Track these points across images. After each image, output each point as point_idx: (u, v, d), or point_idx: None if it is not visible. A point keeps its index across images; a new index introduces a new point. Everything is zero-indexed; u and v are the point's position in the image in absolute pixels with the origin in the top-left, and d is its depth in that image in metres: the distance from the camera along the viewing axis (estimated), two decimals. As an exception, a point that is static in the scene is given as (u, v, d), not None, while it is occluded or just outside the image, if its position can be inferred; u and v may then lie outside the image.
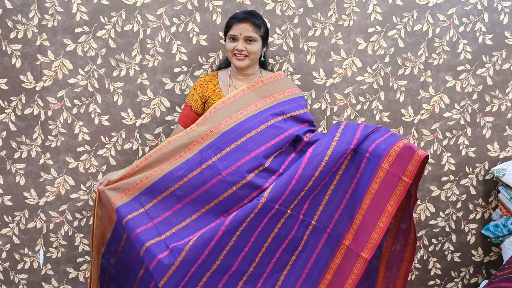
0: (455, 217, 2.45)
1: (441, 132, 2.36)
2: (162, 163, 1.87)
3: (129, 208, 1.85)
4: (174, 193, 1.84)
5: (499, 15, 2.26)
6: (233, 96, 1.91)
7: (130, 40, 2.14)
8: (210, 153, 1.83)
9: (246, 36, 1.86)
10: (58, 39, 2.11)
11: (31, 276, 2.31)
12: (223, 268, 1.79)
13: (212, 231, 1.74)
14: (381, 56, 2.26)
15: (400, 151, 1.66)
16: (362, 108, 2.30)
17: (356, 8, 2.20)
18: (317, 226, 1.80)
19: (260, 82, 1.96)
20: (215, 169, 1.81)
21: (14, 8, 2.06)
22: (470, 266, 2.51)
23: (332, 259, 1.76)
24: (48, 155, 2.20)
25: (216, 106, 1.89)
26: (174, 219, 1.84)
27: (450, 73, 2.30)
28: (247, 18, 1.86)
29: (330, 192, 1.79)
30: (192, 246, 1.74)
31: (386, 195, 1.67)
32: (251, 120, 1.87)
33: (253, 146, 1.82)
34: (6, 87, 2.12)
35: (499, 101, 2.35)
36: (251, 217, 1.74)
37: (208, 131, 1.86)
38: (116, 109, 2.20)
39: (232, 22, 1.88)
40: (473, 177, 2.42)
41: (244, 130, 1.84)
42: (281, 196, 1.74)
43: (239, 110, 1.89)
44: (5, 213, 2.23)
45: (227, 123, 1.86)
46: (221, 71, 2.03)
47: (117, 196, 1.88)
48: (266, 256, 1.83)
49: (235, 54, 1.88)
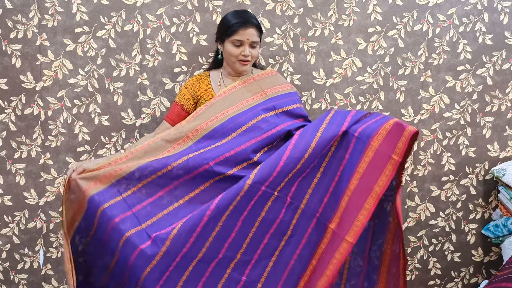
0: (455, 217, 2.45)
1: (441, 132, 2.36)
2: (148, 157, 1.80)
3: (105, 196, 1.73)
4: (156, 181, 1.76)
5: (499, 15, 2.26)
6: (224, 93, 1.89)
7: (130, 40, 2.14)
8: (200, 147, 1.80)
9: (252, 41, 1.84)
10: (58, 39, 2.11)
11: (31, 276, 2.31)
12: (209, 256, 1.72)
13: (197, 217, 1.67)
14: (381, 56, 2.26)
15: (390, 129, 1.57)
16: (362, 108, 2.30)
17: (356, 8, 2.20)
18: (306, 210, 1.73)
19: (251, 79, 1.94)
20: (202, 158, 1.76)
21: (14, 8, 2.06)
22: (470, 266, 2.51)
23: (319, 244, 1.69)
24: (48, 155, 2.20)
25: (208, 104, 1.88)
26: (155, 207, 1.75)
27: (450, 73, 2.30)
28: (251, 21, 1.84)
29: (319, 175, 1.72)
30: (176, 235, 1.66)
31: (375, 175, 1.58)
32: (241, 115, 1.85)
33: (243, 140, 1.80)
34: (6, 87, 2.13)
35: (499, 101, 2.35)
36: (237, 200, 1.68)
37: (198, 126, 1.83)
38: (116, 109, 2.20)
39: (236, 26, 1.82)
40: (473, 177, 2.42)
41: (234, 125, 1.82)
42: (268, 178, 1.68)
43: (230, 106, 1.87)
44: (5, 213, 2.23)
45: (218, 118, 1.84)
46: (213, 71, 2.01)
47: (91, 184, 1.75)
48: (254, 241, 1.75)
49: (240, 59, 1.86)
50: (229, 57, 1.88)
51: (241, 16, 1.85)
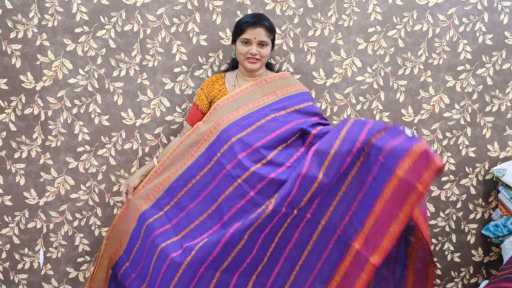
0: (455, 217, 2.45)
1: (441, 132, 2.36)
2: (177, 163, 1.94)
3: (150, 212, 1.93)
4: (189, 192, 1.88)
5: (499, 15, 2.26)
6: (236, 94, 1.94)
7: (130, 40, 2.14)
8: (215, 149, 1.85)
9: (260, 40, 1.89)
10: (58, 39, 2.11)
11: (31, 276, 2.31)
12: (233, 266, 1.78)
13: (219, 235, 1.74)
14: (381, 56, 2.26)
15: (417, 159, 1.52)
16: (362, 108, 2.30)
17: (356, 8, 2.20)
18: (326, 227, 1.75)
19: (263, 81, 1.98)
20: (220, 164, 1.83)
21: (14, 8, 2.06)
22: (470, 266, 2.51)
23: (342, 261, 1.71)
24: (48, 155, 2.20)
25: (220, 103, 1.92)
26: (188, 219, 1.86)
27: (450, 73, 2.30)
28: (261, 22, 1.88)
29: (341, 194, 1.72)
30: (201, 246, 1.74)
31: (399, 202, 1.55)
32: (251, 115, 1.88)
33: (253, 140, 1.83)
34: (6, 87, 2.12)
35: (499, 101, 2.35)
36: (259, 223, 1.72)
37: (212, 127, 1.89)
38: (116, 109, 2.20)
39: (245, 26, 1.88)
40: (473, 177, 2.42)
41: (244, 124, 1.85)
42: (287, 198, 1.71)
43: (240, 106, 1.91)
44: (5, 213, 2.23)
45: (228, 119, 1.88)
46: (229, 73, 2.06)
47: (142, 202, 1.97)
48: (275, 255, 1.79)
49: (248, 57, 1.91)
50: (239, 55, 1.93)
51: (252, 17, 1.91)
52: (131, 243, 1.97)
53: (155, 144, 2.24)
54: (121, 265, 1.99)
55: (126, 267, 1.96)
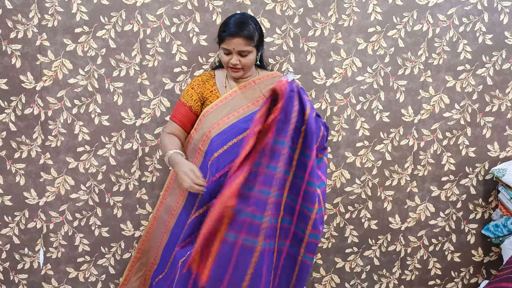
0: (455, 217, 2.45)
1: (441, 132, 2.36)
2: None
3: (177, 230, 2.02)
4: (202, 213, 1.90)
5: (499, 15, 2.26)
6: (224, 98, 1.92)
7: (130, 40, 2.14)
8: (208, 158, 1.85)
9: (239, 50, 1.83)
10: (58, 39, 2.11)
11: (31, 276, 2.31)
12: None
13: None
14: (381, 56, 2.26)
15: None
16: (362, 108, 2.30)
17: (356, 8, 2.20)
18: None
19: (252, 82, 1.96)
20: (209, 173, 1.83)
21: (14, 8, 2.06)
22: (470, 266, 2.51)
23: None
24: (48, 155, 2.20)
25: (209, 110, 1.91)
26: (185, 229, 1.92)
27: (450, 73, 2.30)
28: (239, 32, 1.79)
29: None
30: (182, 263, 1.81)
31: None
32: (244, 121, 1.86)
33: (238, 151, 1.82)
34: (6, 87, 2.12)
35: (499, 101, 2.35)
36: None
37: (204, 136, 1.88)
38: (116, 109, 2.20)
39: (224, 36, 1.82)
40: (473, 177, 2.42)
41: (236, 131, 1.84)
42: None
43: (230, 112, 1.89)
44: (5, 213, 2.23)
45: (219, 126, 1.86)
46: (218, 71, 2.02)
47: (168, 218, 2.06)
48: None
49: (229, 66, 1.87)
50: (222, 63, 1.91)
51: (232, 25, 1.82)
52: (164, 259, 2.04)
53: (155, 144, 2.24)
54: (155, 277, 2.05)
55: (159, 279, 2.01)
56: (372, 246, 2.45)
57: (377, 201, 2.40)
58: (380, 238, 2.45)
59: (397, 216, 2.42)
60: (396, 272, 2.50)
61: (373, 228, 2.43)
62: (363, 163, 2.35)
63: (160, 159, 2.25)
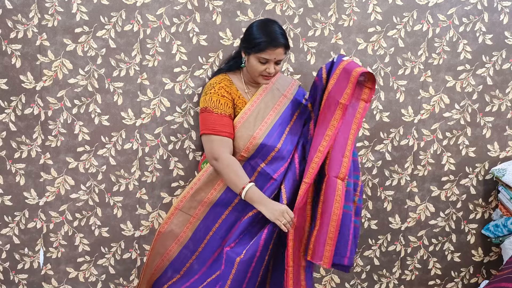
0: (455, 217, 2.45)
1: (441, 132, 2.36)
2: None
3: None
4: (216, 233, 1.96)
5: (499, 15, 2.26)
6: (251, 106, 1.89)
7: (130, 40, 2.14)
8: (258, 161, 1.86)
9: (278, 59, 1.81)
10: (58, 39, 2.11)
11: (31, 276, 2.31)
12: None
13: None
14: (381, 56, 2.26)
15: (340, 73, 1.80)
16: (362, 108, 2.30)
17: (356, 8, 2.20)
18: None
19: (271, 84, 1.96)
20: (266, 173, 1.86)
21: (14, 8, 2.06)
22: (470, 266, 2.51)
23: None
24: (48, 155, 2.20)
25: (241, 120, 1.85)
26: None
27: (450, 73, 2.30)
28: (282, 42, 1.78)
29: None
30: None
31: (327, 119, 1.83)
32: (280, 122, 1.90)
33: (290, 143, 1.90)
34: (6, 87, 2.12)
35: (499, 101, 2.35)
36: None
37: (248, 143, 1.83)
38: (116, 109, 2.20)
39: (264, 45, 1.76)
40: (473, 177, 2.42)
41: (279, 132, 1.88)
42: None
43: (264, 117, 1.88)
44: (5, 213, 2.23)
45: (261, 131, 1.85)
46: (231, 75, 1.94)
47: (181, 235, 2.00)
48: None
49: (263, 75, 1.83)
50: (253, 70, 1.84)
51: (270, 34, 1.77)
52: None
53: (155, 144, 2.24)
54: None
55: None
56: (372, 246, 2.45)
57: (377, 201, 2.40)
58: (380, 238, 2.45)
59: (397, 216, 2.42)
60: (396, 272, 2.50)
61: (373, 228, 2.43)
62: (363, 163, 2.35)
63: (160, 159, 2.25)
